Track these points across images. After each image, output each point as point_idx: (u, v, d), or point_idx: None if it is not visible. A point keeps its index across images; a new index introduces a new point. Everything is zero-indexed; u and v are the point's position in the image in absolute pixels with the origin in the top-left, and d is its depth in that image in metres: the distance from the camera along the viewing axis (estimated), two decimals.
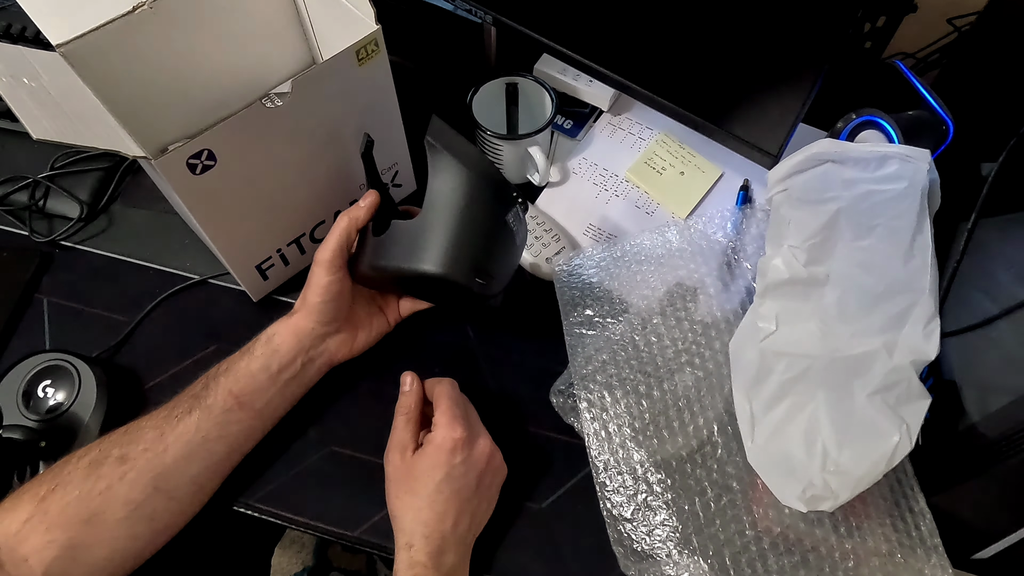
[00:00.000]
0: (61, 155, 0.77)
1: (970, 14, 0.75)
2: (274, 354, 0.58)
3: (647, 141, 0.80)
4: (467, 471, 0.54)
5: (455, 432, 0.54)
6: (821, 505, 0.51)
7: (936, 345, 0.53)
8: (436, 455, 0.54)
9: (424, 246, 0.56)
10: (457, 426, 0.55)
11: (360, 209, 0.59)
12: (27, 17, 0.49)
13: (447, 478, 0.53)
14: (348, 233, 0.58)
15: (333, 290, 0.59)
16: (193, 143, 0.53)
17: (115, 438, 0.54)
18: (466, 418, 0.56)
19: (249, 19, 0.61)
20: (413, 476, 0.54)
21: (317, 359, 0.61)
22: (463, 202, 0.56)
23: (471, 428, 0.56)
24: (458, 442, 0.54)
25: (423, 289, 0.63)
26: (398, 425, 0.58)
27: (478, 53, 0.84)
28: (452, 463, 0.54)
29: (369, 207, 0.59)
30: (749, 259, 0.67)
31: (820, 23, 0.63)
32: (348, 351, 0.63)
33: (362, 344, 0.63)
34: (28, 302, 0.70)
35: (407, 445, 0.56)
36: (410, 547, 0.52)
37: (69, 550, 0.50)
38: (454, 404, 0.56)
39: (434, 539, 0.52)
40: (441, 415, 0.55)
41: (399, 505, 0.55)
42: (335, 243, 0.58)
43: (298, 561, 1.28)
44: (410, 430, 0.57)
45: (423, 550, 0.52)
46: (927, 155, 0.57)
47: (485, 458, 0.56)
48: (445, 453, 0.54)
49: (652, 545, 0.56)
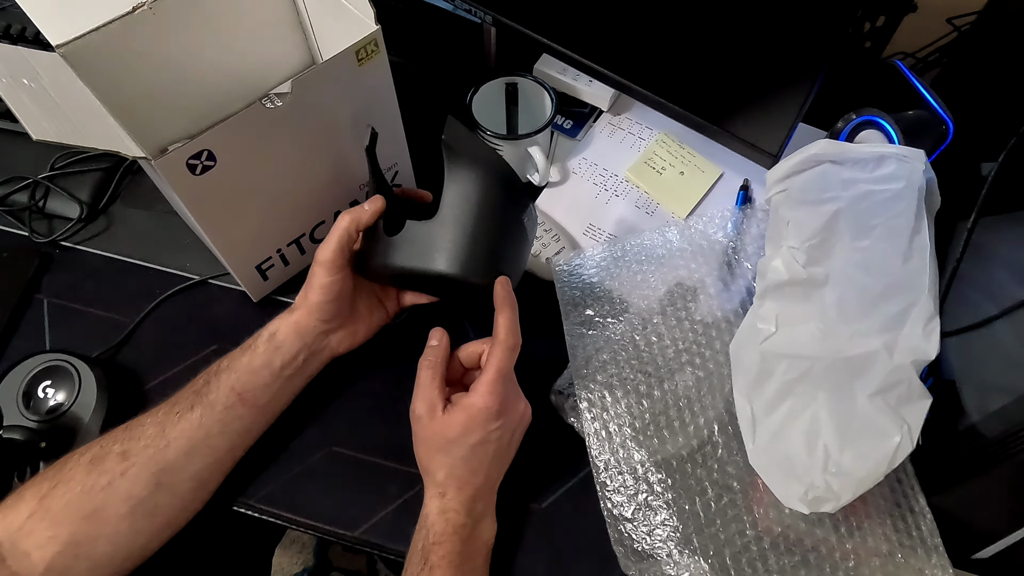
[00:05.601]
0: (61, 155, 0.77)
1: (970, 14, 0.75)
2: (277, 351, 0.58)
3: (647, 141, 0.80)
4: (501, 436, 0.55)
5: (495, 404, 0.54)
6: (823, 507, 0.51)
7: (936, 345, 0.53)
8: (471, 421, 0.54)
9: (442, 247, 0.56)
10: (497, 398, 0.54)
11: (364, 212, 0.59)
12: (27, 17, 0.49)
13: (482, 443, 0.54)
14: (349, 233, 0.58)
15: (334, 290, 0.59)
16: (193, 143, 0.53)
17: (116, 434, 0.55)
18: (506, 391, 0.55)
19: (249, 19, 0.61)
20: (446, 437, 0.55)
21: (319, 354, 0.61)
22: (481, 203, 0.56)
23: (508, 396, 0.55)
24: (495, 412, 0.54)
25: (434, 287, 0.63)
26: (423, 379, 0.57)
27: (478, 53, 0.84)
28: (488, 429, 0.54)
29: (374, 212, 0.59)
30: (749, 259, 0.67)
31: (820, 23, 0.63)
32: (350, 344, 0.63)
33: (361, 336, 0.64)
34: (28, 302, 0.70)
35: (435, 404, 0.55)
36: (443, 495, 0.54)
37: (71, 546, 0.50)
38: (500, 376, 0.55)
39: (467, 490, 0.55)
40: (484, 383, 0.54)
41: (430, 461, 0.56)
42: (336, 243, 0.58)
43: (298, 561, 1.28)
44: (436, 385, 0.56)
45: (456, 499, 0.54)
46: (923, 155, 0.57)
47: (517, 420, 0.56)
48: (481, 420, 0.54)
49: (652, 545, 0.56)
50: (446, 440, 0.55)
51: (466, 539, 0.54)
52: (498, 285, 0.56)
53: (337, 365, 0.63)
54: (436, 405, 0.55)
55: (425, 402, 0.56)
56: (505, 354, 0.55)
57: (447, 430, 0.54)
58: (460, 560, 0.52)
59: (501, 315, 0.55)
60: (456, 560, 0.52)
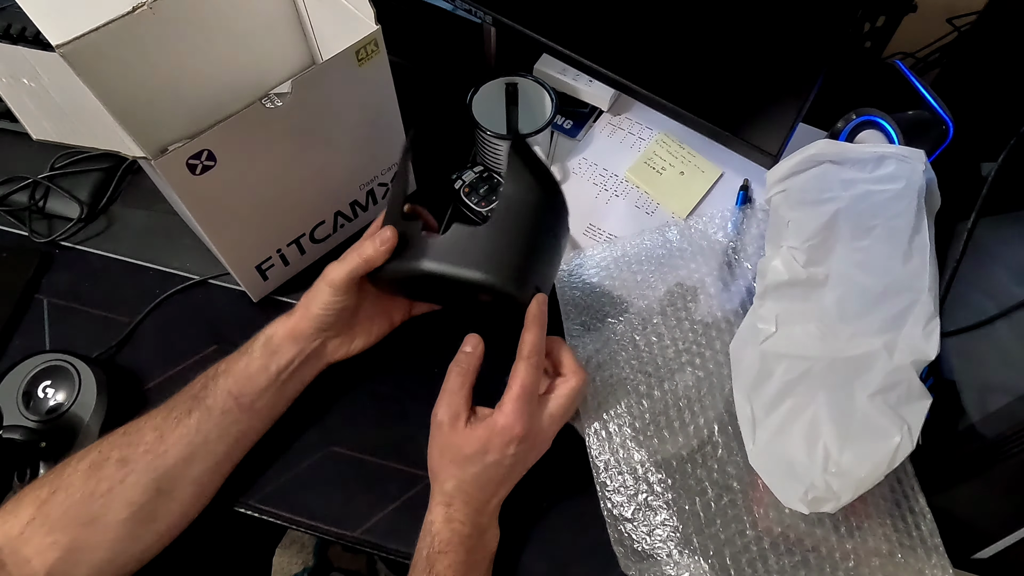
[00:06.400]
0: (61, 155, 0.77)
1: (970, 14, 0.74)
2: (273, 356, 0.58)
3: (647, 141, 0.80)
4: (516, 460, 0.54)
5: (517, 427, 0.53)
6: (823, 507, 0.51)
7: (936, 345, 0.53)
8: (491, 440, 0.53)
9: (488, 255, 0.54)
10: (521, 421, 0.53)
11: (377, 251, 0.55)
12: (27, 17, 0.49)
13: (497, 463, 0.54)
14: (367, 265, 0.56)
15: (337, 307, 0.58)
16: (193, 143, 0.53)
17: (114, 440, 0.55)
18: (531, 413, 0.54)
19: (249, 19, 0.61)
20: (462, 451, 0.54)
21: (315, 360, 0.61)
22: (539, 219, 0.56)
23: (534, 422, 0.54)
24: (517, 436, 0.53)
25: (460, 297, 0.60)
26: (452, 385, 0.56)
27: (478, 53, 0.84)
28: (505, 452, 0.53)
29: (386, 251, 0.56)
30: (749, 259, 0.67)
31: (820, 23, 0.63)
32: (345, 352, 0.62)
33: (360, 346, 0.63)
34: (28, 302, 0.70)
35: (459, 413, 0.55)
36: (449, 505, 0.54)
37: (71, 552, 0.50)
38: (525, 395, 0.54)
39: (473, 504, 0.54)
40: (509, 402, 0.53)
41: (442, 470, 0.55)
42: (349, 270, 0.56)
43: (298, 561, 1.28)
44: (464, 394, 0.55)
45: (462, 511, 0.54)
46: (923, 155, 0.57)
47: (538, 447, 0.56)
48: (501, 441, 0.53)
49: (652, 545, 0.56)
50: (462, 454, 0.54)
51: (471, 549, 0.54)
52: (534, 303, 0.55)
53: (337, 365, 0.63)
54: (460, 415, 0.55)
55: (449, 409, 0.55)
56: (530, 371, 0.54)
57: (465, 444, 0.54)
58: (465, 570, 0.53)
59: (529, 332, 0.54)
60: (461, 570, 0.52)
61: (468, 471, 0.54)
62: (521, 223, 0.55)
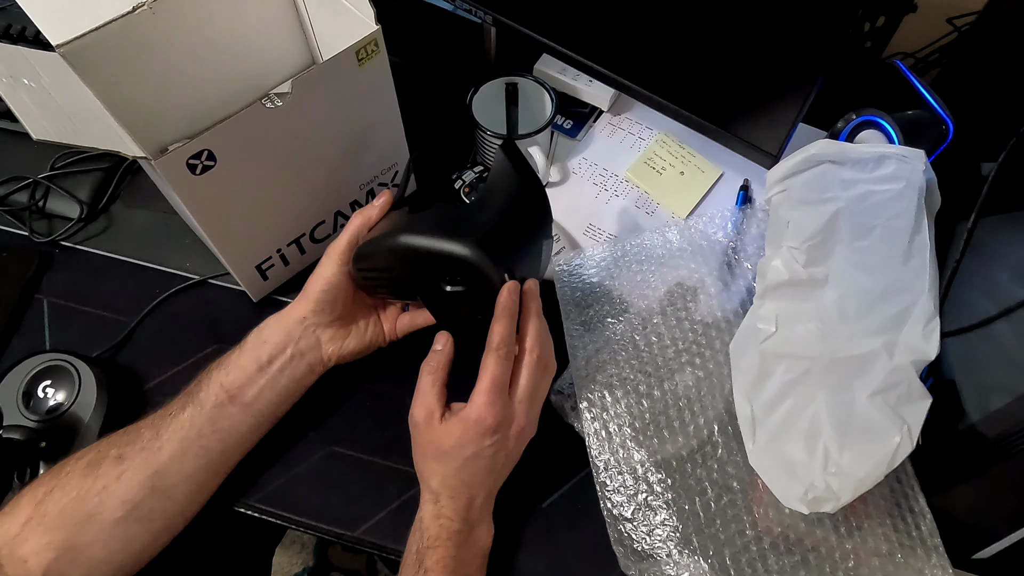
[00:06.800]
0: (61, 155, 0.77)
1: (970, 14, 0.74)
2: (263, 344, 0.58)
3: (647, 141, 0.80)
4: (496, 451, 0.54)
5: (489, 418, 0.52)
6: (823, 507, 0.51)
7: (936, 345, 0.53)
8: (465, 434, 0.53)
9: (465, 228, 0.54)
10: (493, 411, 0.53)
11: (373, 208, 0.60)
12: (27, 17, 0.49)
13: (475, 456, 0.53)
14: (360, 231, 0.60)
15: (334, 281, 0.59)
16: (193, 143, 0.53)
17: (113, 439, 0.55)
18: (503, 403, 0.54)
19: (249, 19, 0.61)
20: (440, 447, 0.54)
21: (307, 352, 0.60)
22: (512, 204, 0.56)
23: (506, 412, 0.54)
24: (490, 428, 0.53)
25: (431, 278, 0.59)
26: (423, 384, 0.56)
27: (478, 53, 0.84)
28: (482, 444, 0.53)
29: (382, 207, 0.60)
30: (749, 259, 0.67)
31: (820, 23, 0.63)
32: (337, 349, 0.61)
33: (352, 347, 0.62)
34: (28, 302, 0.70)
35: (433, 410, 0.55)
36: (436, 502, 0.54)
37: (68, 551, 0.50)
38: (495, 386, 0.53)
39: (460, 499, 0.54)
40: (480, 394, 0.53)
41: (425, 468, 0.55)
42: (350, 235, 0.59)
43: (298, 561, 1.28)
44: (436, 392, 0.55)
45: (449, 506, 0.54)
46: (923, 155, 0.57)
47: (515, 435, 0.55)
48: (475, 434, 0.53)
49: (652, 545, 0.56)
50: (440, 450, 0.54)
51: (461, 544, 0.53)
52: (504, 292, 0.54)
53: (337, 365, 0.63)
54: (434, 412, 0.55)
55: (423, 408, 0.55)
56: (499, 362, 0.53)
57: (441, 440, 0.54)
58: (455, 565, 0.52)
59: (497, 323, 0.54)
60: (451, 564, 0.52)
61: (449, 467, 0.54)
62: (497, 206, 0.56)
